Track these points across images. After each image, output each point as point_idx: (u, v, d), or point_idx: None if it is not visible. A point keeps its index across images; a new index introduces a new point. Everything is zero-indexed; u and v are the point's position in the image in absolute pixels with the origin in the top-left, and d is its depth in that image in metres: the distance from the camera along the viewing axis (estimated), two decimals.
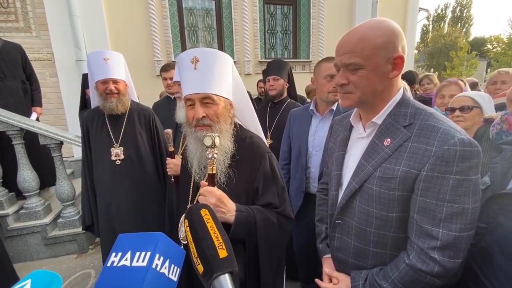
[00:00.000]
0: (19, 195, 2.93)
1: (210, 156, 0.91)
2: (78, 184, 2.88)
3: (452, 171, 0.74)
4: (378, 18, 0.85)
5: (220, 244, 0.55)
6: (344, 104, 0.94)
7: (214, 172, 0.94)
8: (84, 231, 2.86)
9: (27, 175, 2.80)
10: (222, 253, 0.54)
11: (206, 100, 1.03)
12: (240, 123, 1.22)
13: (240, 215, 0.97)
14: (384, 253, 0.90)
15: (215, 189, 0.94)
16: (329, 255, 1.12)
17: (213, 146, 0.91)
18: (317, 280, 1.09)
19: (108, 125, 1.97)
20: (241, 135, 1.15)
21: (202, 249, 0.54)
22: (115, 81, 1.88)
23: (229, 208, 0.96)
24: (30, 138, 2.87)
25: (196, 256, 0.54)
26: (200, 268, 0.53)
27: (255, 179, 1.08)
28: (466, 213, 0.75)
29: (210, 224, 0.59)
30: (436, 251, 0.77)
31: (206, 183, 0.95)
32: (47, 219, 2.90)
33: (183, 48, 5.25)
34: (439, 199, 0.76)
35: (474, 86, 3.83)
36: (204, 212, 0.62)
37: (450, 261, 0.76)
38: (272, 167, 1.12)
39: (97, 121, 1.99)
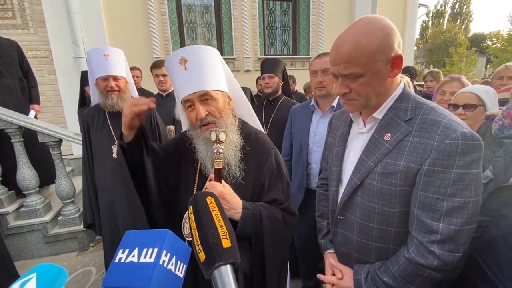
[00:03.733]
0: (19, 193, 2.92)
1: (215, 151, 0.91)
2: (77, 182, 2.88)
3: (454, 165, 0.74)
4: (368, 18, 0.82)
5: (224, 234, 0.53)
6: (349, 110, 0.93)
7: (221, 167, 0.93)
8: (85, 229, 2.87)
9: (26, 173, 2.79)
10: (226, 243, 0.52)
11: (205, 97, 1.01)
12: (239, 117, 1.21)
13: (246, 212, 0.97)
14: (387, 248, 0.91)
15: (218, 185, 0.93)
16: (332, 251, 1.12)
17: (217, 141, 0.90)
18: (319, 275, 1.09)
19: (109, 122, 1.95)
20: (245, 130, 1.14)
21: (205, 237, 0.53)
22: (115, 78, 1.86)
23: (233, 205, 0.95)
24: (29, 136, 2.86)
25: (199, 243, 0.53)
26: (202, 256, 0.51)
27: (261, 175, 1.08)
28: (467, 207, 0.75)
29: (215, 213, 0.57)
30: (436, 245, 0.77)
31: (211, 190, 0.94)
32: (47, 217, 2.90)
33: (182, 45, 5.22)
34: (440, 194, 0.76)
35: None
36: (209, 200, 0.60)
37: (450, 255, 0.76)
38: (277, 163, 1.12)
39: (97, 119, 1.97)
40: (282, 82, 2.54)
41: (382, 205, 0.87)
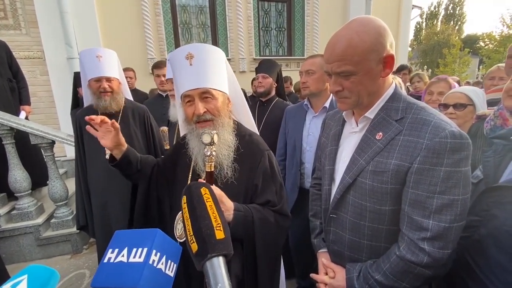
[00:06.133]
0: (11, 195, 2.88)
1: (208, 154, 0.91)
2: (71, 184, 2.84)
3: (443, 163, 0.76)
4: (362, 19, 0.84)
5: (218, 225, 0.52)
6: (341, 108, 0.95)
7: (213, 170, 0.93)
8: (78, 231, 2.84)
9: (18, 175, 2.75)
10: (219, 234, 0.51)
11: (205, 95, 1.03)
12: (235, 119, 1.21)
13: (238, 214, 0.97)
14: (379, 246, 0.92)
15: (214, 188, 0.93)
16: (325, 250, 1.13)
17: (211, 143, 0.90)
18: (312, 275, 1.09)
19: None
20: (240, 131, 1.15)
21: (199, 227, 0.51)
22: (108, 79, 1.85)
23: (227, 207, 0.95)
24: (21, 137, 2.82)
25: (192, 234, 0.51)
26: (194, 246, 0.50)
27: (254, 176, 1.08)
28: (456, 204, 0.77)
29: (210, 204, 0.56)
30: (426, 242, 0.78)
31: (204, 181, 0.94)
32: (40, 220, 2.86)
33: (177, 46, 5.20)
34: (430, 191, 0.78)
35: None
36: (204, 191, 0.60)
37: (440, 252, 0.78)
38: (271, 165, 1.13)
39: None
40: (276, 84, 2.55)
41: (373, 203, 0.88)
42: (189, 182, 1.12)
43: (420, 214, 0.79)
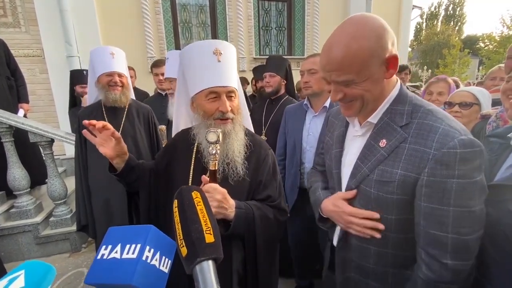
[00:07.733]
0: (10, 194, 2.88)
1: (213, 152, 0.92)
2: (70, 182, 2.85)
3: (454, 175, 0.71)
4: (358, 19, 0.77)
5: (208, 229, 0.52)
6: (346, 114, 0.91)
7: (216, 168, 0.95)
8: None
9: (17, 174, 2.75)
10: (209, 238, 0.51)
11: (231, 94, 1.05)
12: None
13: (239, 212, 0.98)
14: (385, 252, 0.89)
15: (219, 186, 0.94)
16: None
17: (217, 141, 0.92)
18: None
19: (106, 119, 1.94)
20: (247, 131, 1.18)
21: (188, 231, 0.52)
22: (120, 75, 1.90)
23: (230, 205, 0.97)
24: (20, 135, 2.81)
25: (181, 238, 0.52)
26: (184, 250, 0.50)
27: (258, 173, 1.11)
28: (473, 215, 0.72)
29: (200, 207, 0.56)
30: (448, 257, 0.74)
31: (208, 179, 0.94)
32: (39, 218, 2.86)
33: (177, 45, 5.20)
34: (444, 204, 0.73)
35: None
36: (195, 195, 0.59)
37: (463, 264, 0.74)
38: (273, 163, 1.18)
39: (94, 116, 1.94)
40: (285, 81, 2.48)
41: (379, 211, 0.85)
42: (190, 180, 1.12)
43: (438, 228, 0.74)
